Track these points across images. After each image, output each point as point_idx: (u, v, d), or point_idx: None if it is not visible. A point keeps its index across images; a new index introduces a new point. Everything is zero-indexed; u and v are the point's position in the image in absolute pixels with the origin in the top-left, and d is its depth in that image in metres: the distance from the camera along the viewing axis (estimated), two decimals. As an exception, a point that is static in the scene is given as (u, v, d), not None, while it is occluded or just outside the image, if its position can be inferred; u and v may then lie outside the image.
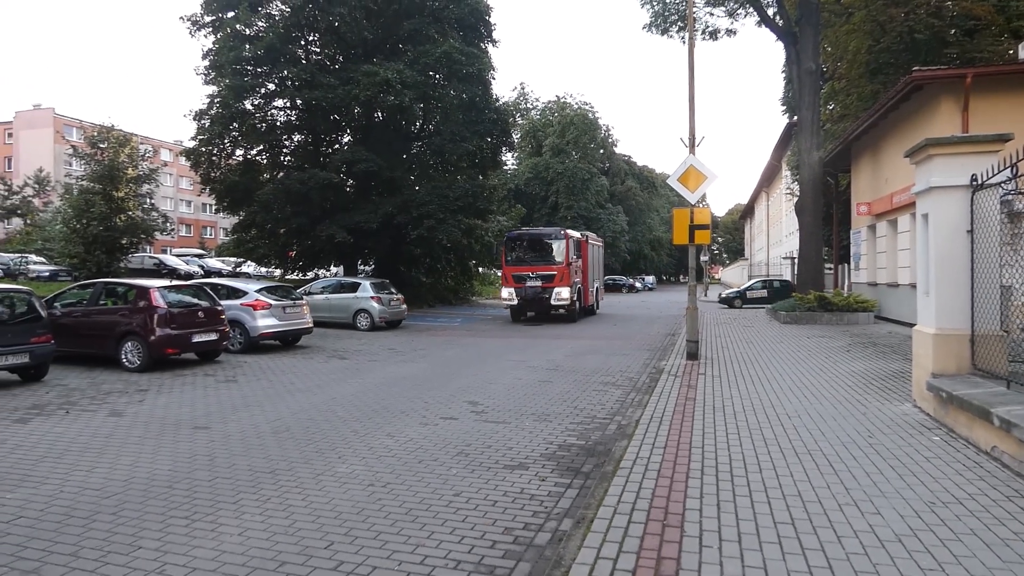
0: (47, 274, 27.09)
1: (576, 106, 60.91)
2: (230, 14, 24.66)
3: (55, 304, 11.80)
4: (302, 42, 26.62)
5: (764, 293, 30.43)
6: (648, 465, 5.08)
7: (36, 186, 49.33)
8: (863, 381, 8.73)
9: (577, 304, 22.71)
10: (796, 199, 24.68)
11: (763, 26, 23.64)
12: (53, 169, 55.75)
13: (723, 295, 33.93)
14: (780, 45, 24.00)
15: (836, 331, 15.89)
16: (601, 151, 65.78)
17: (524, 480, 5.09)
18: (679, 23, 25.49)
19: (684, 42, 25.72)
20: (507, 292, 22.47)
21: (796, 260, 27.89)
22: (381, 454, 5.83)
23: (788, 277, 40.23)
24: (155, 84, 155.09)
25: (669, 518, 3.98)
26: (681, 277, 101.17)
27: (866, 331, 15.83)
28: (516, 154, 57.18)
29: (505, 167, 46.40)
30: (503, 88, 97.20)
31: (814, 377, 9.12)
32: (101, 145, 24.74)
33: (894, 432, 6.01)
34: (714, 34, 26.62)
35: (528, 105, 62.89)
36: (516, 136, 51.19)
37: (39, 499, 4.70)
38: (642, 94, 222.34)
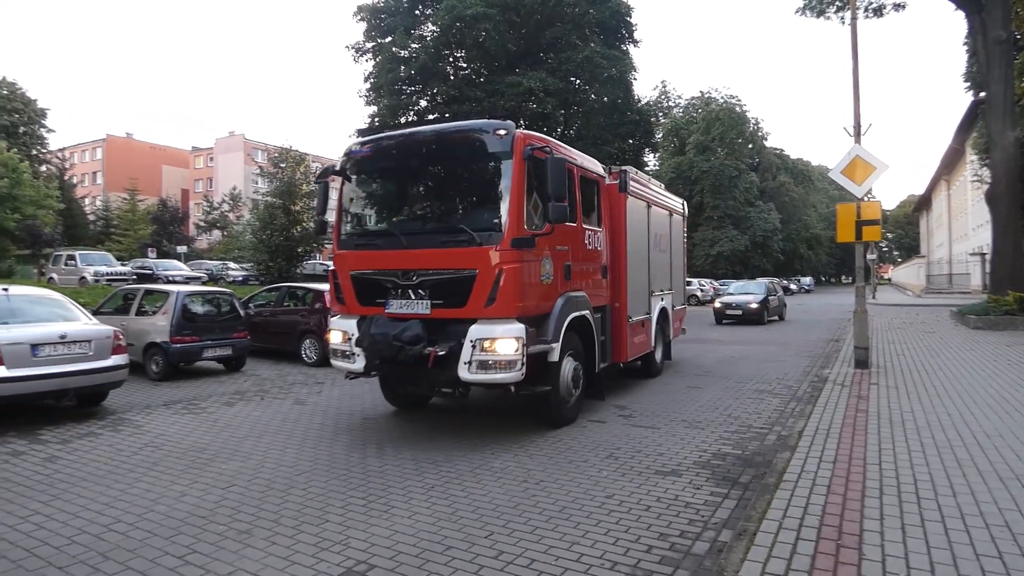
0: (240, 278, 31.15)
1: (721, 100, 58.00)
2: (388, 39, 26.74)
3: (249, 305, 13.55)
4: (450, 59, 28.13)
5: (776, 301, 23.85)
6: (816, 480, 4.74)
7: (231, 202, 56.90)
8: (1085, 399, 7.40)
9: (573, 378, 7.03)
10: (987, 187, 21.47)
11: (940, -5, 20.90)
12: (244, 187, 63.94)
13: (731, 303, 22.47)
14: (960, 15, 21.05)
15: (1045, 340, 13.60)
16: (750, 146, 62.01)
17: (678, 487, 4.98)
18: (837, 2, 23.30)
19: (844, 22, 23.41)
20: (339, 332, 6.90)
21: (988, 256, 24.28)
22: (532, 452, 6.00)
23: (977, 275, 34.08)
24: (325, 107, 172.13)
25: (844, 538, 3.69)
26: (843, 278, 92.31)
27: (1087, 341, 13.37)
28: (659, 154, 55.69)
29: (647, 168, 45.41)
30: (644, 88, 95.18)
31: (1019, 392, 7.90)
32: (281, 165, 27.94)
33: None
34: (879, 11, 23.92)
35: (670, 103, 61.05)
36: (658, 136, 49.97)
37: (246, 471, 5.45)
38: (795, 83, 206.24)
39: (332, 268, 7.16)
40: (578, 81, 26.31)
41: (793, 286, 55.44)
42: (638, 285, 9.22)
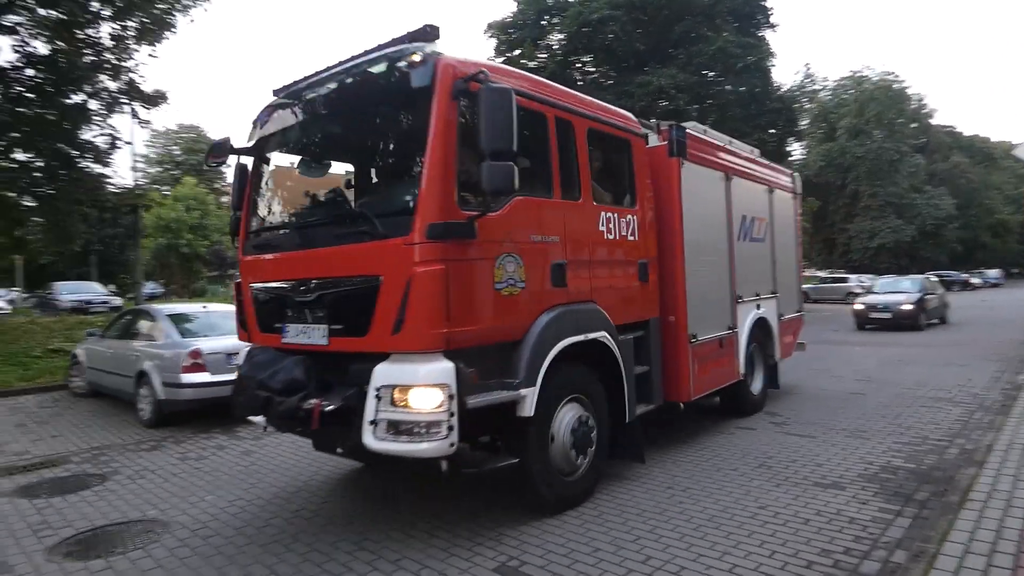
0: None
1: (876, 79, 52.63)
2: (516, 52, 27.49)
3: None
4: (577, 64, 28.27)
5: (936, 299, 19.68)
6: (1011, 501, 4.20)
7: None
8: None
9: (576, 438, 4.68)
10: None
11: None
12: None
13: (877, 303, 18.75)
14: None
15: None
16: (913, 125, 55.56)
17: (840, 501, 4.66)
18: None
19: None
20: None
21: None
22: (677, 458, 5.90)
23: None
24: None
25: (1047, 566, 3.26)
26: (1042, 269, 79.44)
27: None
28: (805, 142, 51.70)
29: (791, 158, 42.43)
30: (784, 73, 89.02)
31: None
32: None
33: None
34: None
35: (816, 86, 56.49)
36: (804, 123, 46.53)
37: (404, 469, 5.91)
38: (965, 52, 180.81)
39: (237, 280, 5.25)
40: (711, 73, 25.28)
41: (976, 280, 48.59)
42: (711, 288, 6.65)
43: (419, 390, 3.74)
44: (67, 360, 11.36)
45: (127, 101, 17.76)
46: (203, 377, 7.86)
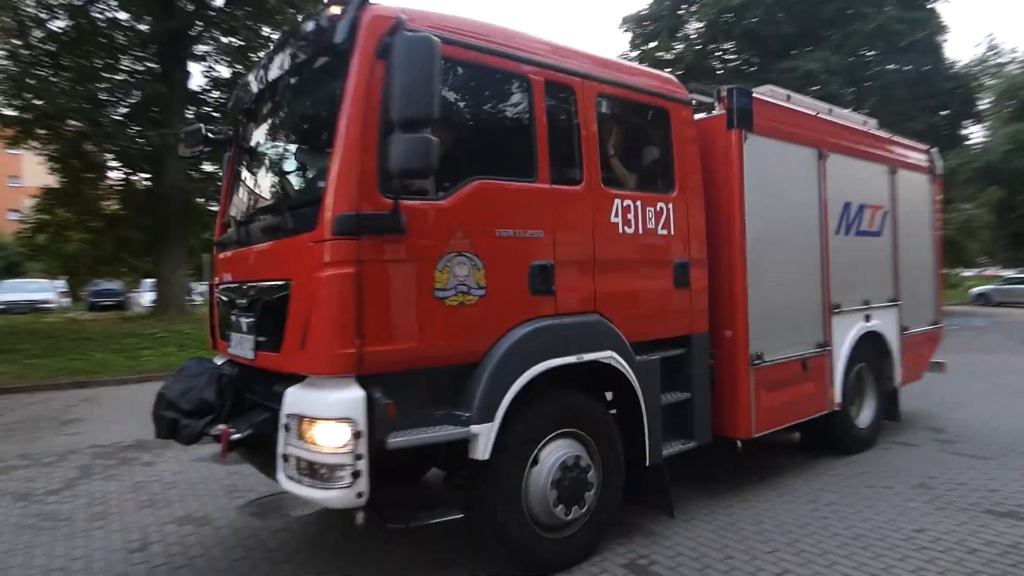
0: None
1: (1086, 43, 44.68)
2: (652, 44, 26.91)
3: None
4: (716, 53, 27.09)
5: None
6: None
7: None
8: None
9: (565, 489, 3.66)
10: None
11: None
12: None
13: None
14: None
15: None
16: None
17: (1017, 532, 4.17)
18: None
19: None
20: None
21: None
22: (822, 472, 5.57)
23: None
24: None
25: None
26: None
27: None
28: (987, 123, 45.26)
29: (968, 142, 37.41)
30: (959, 48, 78.43)
31: None
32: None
33: None
34: None
35: (1001, 59, 49.17)
36: (985, 102, 40.85)
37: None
38: None
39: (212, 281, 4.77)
40: (870, 53, 23.04)
41: None
42: (790, 295, 5.26)
43: (322, 424, 3.05)
44: (245, 346, 13.00)
45: (291, 117, 19.94)
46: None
